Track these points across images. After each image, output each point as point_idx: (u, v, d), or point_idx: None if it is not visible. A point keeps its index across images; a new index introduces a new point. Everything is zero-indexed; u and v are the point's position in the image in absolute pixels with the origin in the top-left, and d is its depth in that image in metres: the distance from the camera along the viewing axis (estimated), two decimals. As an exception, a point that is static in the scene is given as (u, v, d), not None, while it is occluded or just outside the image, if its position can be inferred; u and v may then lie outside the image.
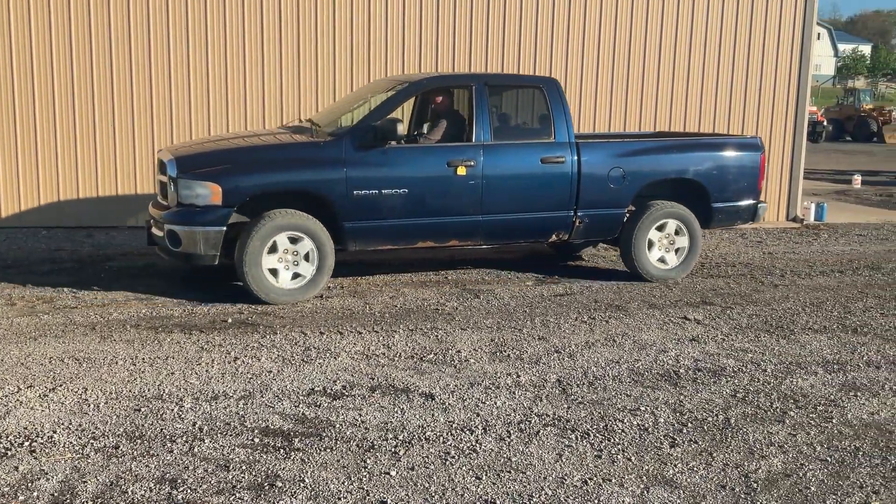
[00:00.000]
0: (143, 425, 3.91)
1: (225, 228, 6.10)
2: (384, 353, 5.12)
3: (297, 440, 3.79)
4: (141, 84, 9.15)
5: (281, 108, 9.46)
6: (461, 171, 6.62)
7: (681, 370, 4.92)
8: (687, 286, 7.17)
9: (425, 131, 7.26)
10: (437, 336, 5.52)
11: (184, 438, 3.77)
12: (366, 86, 8.45)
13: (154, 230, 6.53)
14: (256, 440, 3.78)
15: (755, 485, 3.46)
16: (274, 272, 6.26)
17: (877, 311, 6.44)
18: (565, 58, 10.09)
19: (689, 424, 4.09)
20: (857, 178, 16.53)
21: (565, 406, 4.30)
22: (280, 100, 9.46)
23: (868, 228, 10.69)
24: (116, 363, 4.81)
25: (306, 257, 6.33)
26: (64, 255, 7.92)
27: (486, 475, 3.48)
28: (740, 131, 10.60)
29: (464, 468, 3.54)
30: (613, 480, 3.47)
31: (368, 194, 6.40)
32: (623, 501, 3.29)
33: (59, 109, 9.02)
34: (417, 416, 4.10)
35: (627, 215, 7.31)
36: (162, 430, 3.86)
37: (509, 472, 3.52)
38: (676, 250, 7.42)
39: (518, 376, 4.75)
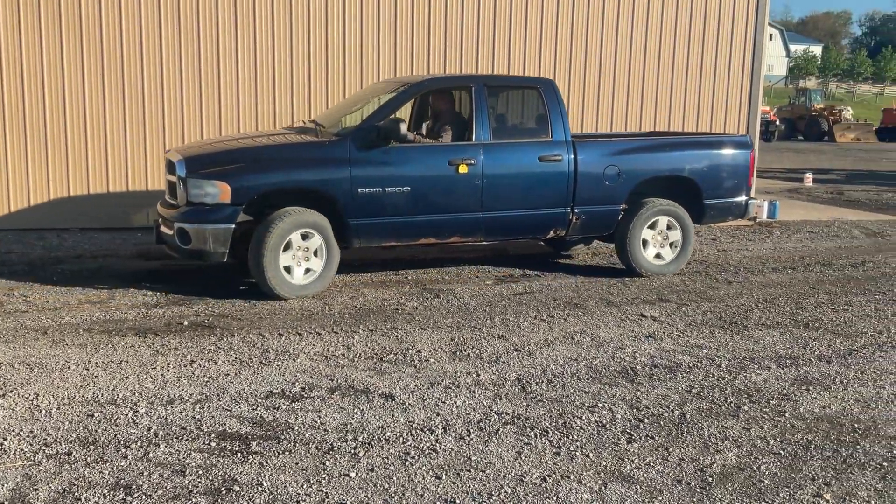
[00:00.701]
0: (96, 431, 3.84)
1: (234, 226, 6.23)
2: (344, 354, 5.09)
3: (254, 443, 3.75)
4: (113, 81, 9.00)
5: (290, 109, 9.45)
6: (462, 169, 6.79)
7: (638, 367, 4.98)
8: (643, 284, 7.27)
9: (424, 132, 7.42)
10: (397, 336, 5.51)
11: (138, 444, 3.71)
12: (368, 87, 8.57)
13: (163, 229, 6.61)
14: (213, 444, 3.73)
15: (710, 479, 3.52)
16: (287, 269, 6.40)
17: (828, 306, 6.59)
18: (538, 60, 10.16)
19: (646, 420, 4.14)
20: (809, 177, 16.91)
21: (524, 404, 4.32)
22: (290, 101, 9.46)
23: (819, 226, 10.94)
24: (69, 368, 4.71)
25: (315, 253, 6.50)
26: (14, 257, 7.73)
27: (445, 474, 3.48)
28: (695, 130, 10.77)
29: (424, 468, 3.54)
30: (572, 477, 3.50)
31: (372, 192, 6.55)
32: (581, 498, 3.32)
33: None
34: (377, 417, 4.08)
35: (622, 212, 7.48)
36: (116, 435, 3.79)
37: (469, 470, 3.53)
38: (670, 245, 7.64)
39: (478, 375, 4.76)
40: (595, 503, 3.28)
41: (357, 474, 3.46)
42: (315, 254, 6.49)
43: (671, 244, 7.63)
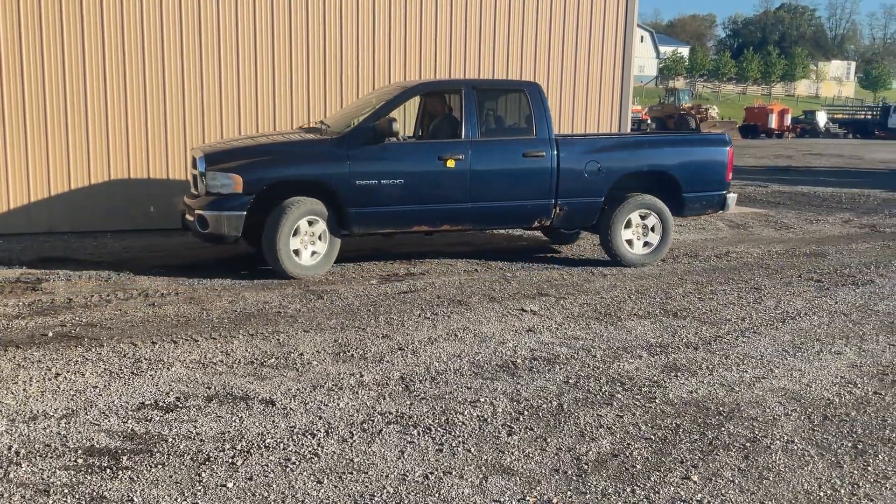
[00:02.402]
0: (-52, 454, 3.57)
1: (245, 213, 6.97)
2: (222, 361, 4.95)
3: (125, 458, 3.58)
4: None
5: (309, 110, 10.03)
6: (451, 164, 7.44)
7: (518, 360, 5.09)
8: (524, 279, 7.44)
9: (421, 132, 8.39)
10: (278, 340, 5.40)
11: (-4, 465, 3.47)
12: (372, 91, 9.38)
13: (187, 216, 7.39)
14: (80, 461, 3.54)
15: (586, 466, 3.63)
16: (296, 252, 7.17)
17: (695, 295, 6.94)
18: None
19: (526, 412, 4.24)
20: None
21: (408, 403, 4.33)
22: (308, 102, 10.04)
23: (686, 219, 11.49)
24: (-84, 388, 4.36)
25: (320, 237, 7.27)
26: None
27: (327, 478, 3.44)
28: (570, 130, 11.09)
29: (305, 473, 3.49)
30: (454, 473, 3.53)
31: (369, 184, 7.24)
32: (463, 493, 3.36)
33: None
34: (257, 424, 3.99)
35: (604, 205, 7.97)
36: (-29, 457, 3.54)
37: (351, 473, 3.50)
38: (650, 238, 8.15)
39: (362, 376, 4.73)
40: (476, 497, 3.33)
41: (235, 484, 3.37)
42: (319, 238, 7.26)
43: (650, 236, 8.14)
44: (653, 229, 8.13)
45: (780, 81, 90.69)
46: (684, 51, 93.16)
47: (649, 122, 39.20)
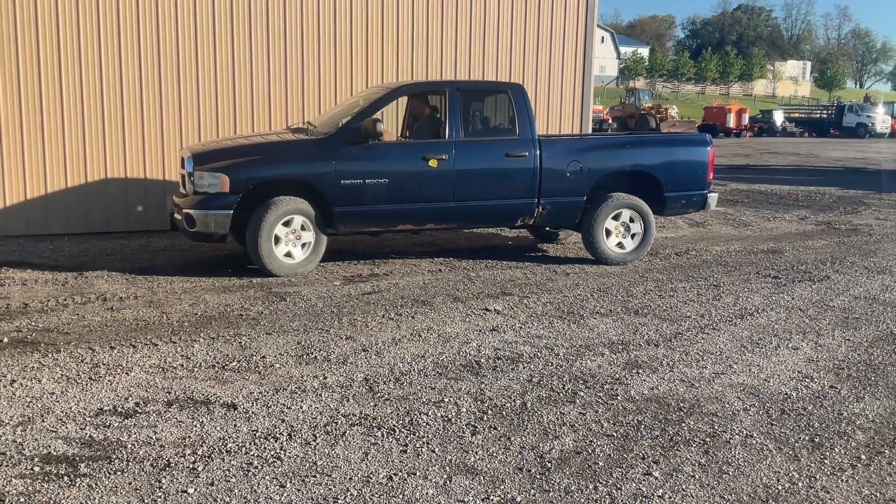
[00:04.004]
0: None
1: (232, 212, 7.04)
2: (182, 365, 4.88)
3: (83, 465, 3.52)
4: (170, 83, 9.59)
5: (302, 110, 10.05)
6: (434, 163, 7.52)
7: (482, 360, 5.10)
8: (487, 278, 7.46)
9: (407, 132, 8.47)
10: (240, 343, 5.35)
11: (-52, 476, 3.39)
12: (359, 93, 9.40)
13: (175, 215, 7.41)
14: (37, 469, 3.47)
15: (549, 464, 3.66)
16: (284, 252, 7.29)
17: (655, 293, 7.03)
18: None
19: (490, 412, 4.25)
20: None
21: (372, 404, 4.32)
22: (302, 103, 10.07)
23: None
24: None
25: (305, 235, 7.34)
26: None
27: (290, 482, 3.42)
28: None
29: (267, 477, 3.45)
30: (418, 473, 3.53)
31: (354, 184, 7.31)
32: (427, 493, 3.36)
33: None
34: (218, 428, 3.95)
35: (586, 204, 8.07)
36: (-79, 468, 3.45)
37: (314, 476, 3.48)
38: (632, 236, 8.26)
39: (325, 378, 4.71)
40: (440, 497, 3.33)
41: (196, 490, 3.33)
42: (304, 237, 7.33)
43: (632, 235, 8.23)
44: (634, 228, 8.23)
45: (738, 81, 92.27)
46: (644, 51, 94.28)
47: (610, 121, 39.59)
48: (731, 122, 44.93)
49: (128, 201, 9.46)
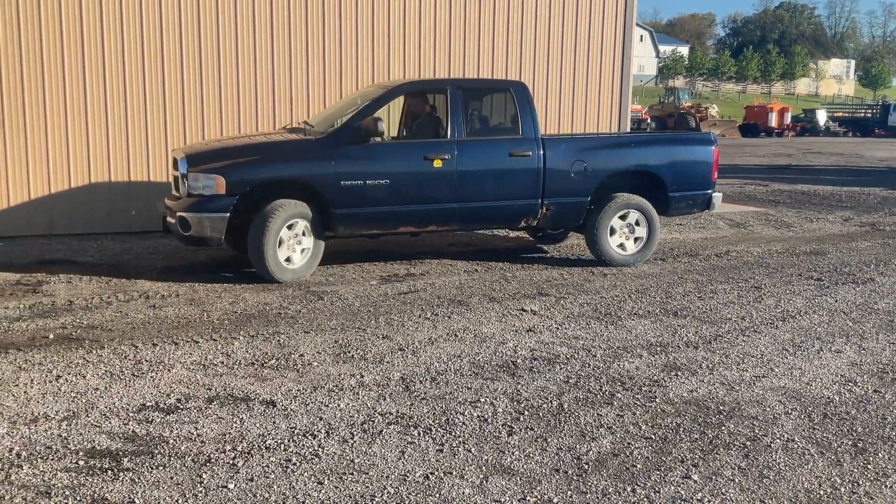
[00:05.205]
0: (-51, 457, 3.58)
1: (228, 215, 6.82)
2: (223, 362, 4.95)
3: (126, 460, 3.59)
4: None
5: (290, 111, 9.96)
6: (437, 163, 7.35)
7: (518, 360, 5.09)
8: (524, 279, 7.44)
9: (406, 132, 8.25)
10: (279, 341, 5.41)
11: (-2, 467, 3.48)
12: (357, 91, 9.17)
13: (168, 218, 7.20)
14: (81, 463, 3.55)
15: (586, 466, 3.64)
16: (287, 259, 7.08)
17: (695, 294, 6.94)
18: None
19: (526, 412, 4.24)
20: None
21: (408, 403, 4.34)
22: (289, 104, 9.97)
23: (687, 218, 11.49)
24: (-82, 391, 4.37)
25: (304, 240, 7.14)
26: None
27: (328, 479, 3.45)
28: (570, 130, 11.10)
29: (305, 474, 3.49)
30: (454, 473, 3.54)
31: (354, 185, 7.12)
32: (463, 493, 3.36)
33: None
34: (258, 425, 4.00)
35: (591, 205, 7.94)
36: (-28, 460, 3.55)
37: (352, 473, 3.51)
38: (636, 238, 8.12)
39: (362, 376, 4.74)
40: (477, 497, 3.33)
41: (236, 485, 3.38)
42: (304, 241, 7.12)
43: (636, 237, 8.10)
44: (639, 229, 8.08)
45: (780, 80, 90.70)
46: (684, 50, 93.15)
47: (649, 121, 39.22)
48: (773, 121, 44.26)
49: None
